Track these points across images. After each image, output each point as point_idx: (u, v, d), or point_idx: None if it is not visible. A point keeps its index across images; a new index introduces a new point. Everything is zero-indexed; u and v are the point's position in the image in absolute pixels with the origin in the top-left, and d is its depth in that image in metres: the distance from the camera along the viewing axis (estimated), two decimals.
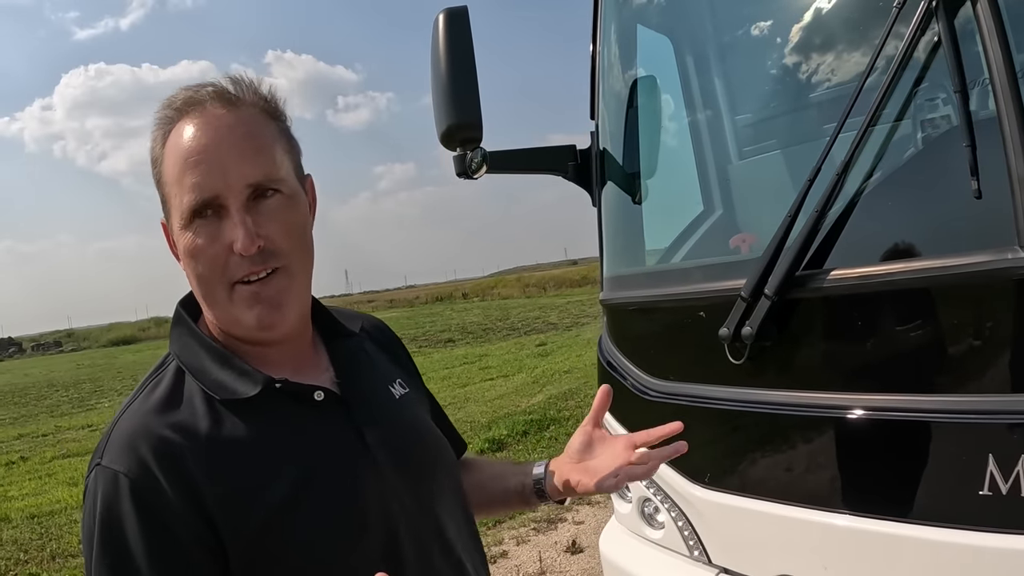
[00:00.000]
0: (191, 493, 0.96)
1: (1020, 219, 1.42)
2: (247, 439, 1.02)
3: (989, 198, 1.50)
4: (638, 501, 2.23)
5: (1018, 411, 1.45)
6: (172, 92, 1.07)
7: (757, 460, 1.88)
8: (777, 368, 1.79)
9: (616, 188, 2.45)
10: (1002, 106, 1.48)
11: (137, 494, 0.95)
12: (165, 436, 0.98)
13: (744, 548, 1.93)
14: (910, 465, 1.62)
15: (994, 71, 1.50)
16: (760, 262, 1.69)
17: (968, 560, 1.51)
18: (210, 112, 1.03)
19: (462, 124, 2.23)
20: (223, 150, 1.01)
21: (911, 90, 1.68)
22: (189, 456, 0.97)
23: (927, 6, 1.60)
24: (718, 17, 2.57)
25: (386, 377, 1.24)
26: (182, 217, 1.02)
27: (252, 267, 1.02)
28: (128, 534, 0.94)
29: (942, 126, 1.66)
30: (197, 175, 1.00)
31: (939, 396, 1.55)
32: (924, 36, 1.64)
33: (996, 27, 1.52)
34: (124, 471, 0.95)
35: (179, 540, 0.96)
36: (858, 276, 1.63)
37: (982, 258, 1.47)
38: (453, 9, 2.25)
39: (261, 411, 1.03)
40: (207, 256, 1.02)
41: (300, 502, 1.01)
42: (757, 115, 2.48)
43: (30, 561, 5.84)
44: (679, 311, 2.05)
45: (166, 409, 1.01)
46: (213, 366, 1.05)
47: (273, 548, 0.99)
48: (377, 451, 1.10)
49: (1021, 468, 1.42)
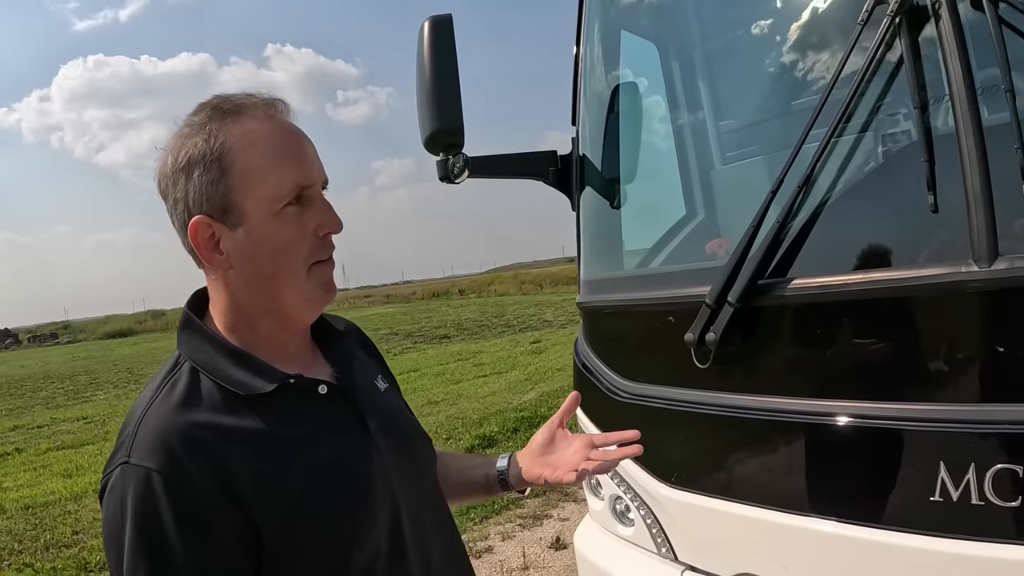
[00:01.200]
0: (222, 486, 1.01)
1: (975, 234, 1.48)
2: (267, 431, 1.07)
3: (947, 212, 1.56)
4: (610, 499, 2.29)
5: (968, 421, 1.51)
6: (206, 98, 1.12)
7: (721, 462, 1.94)
8: (741, 373, 1.85)
9: (594, 193, 2.51)
10: (961, 123, 1.53)
11: (171, 490, 0.99)
12: (192, 432, 1.03)
13: (709, 547, 2.00)
14: (866, 470, 1.68)
15: (954, 88, 1.56)
16: (724, 271, 1.75)
17: (920, 564, 1.57)
18: (280, 114, 1.12)
19: (445, 130, 2.28)
20: (308, 147, 1.13)
21: (874, 104, 1.74)
22: (216, 450, 1.02)
23: (890, 23, 1.65)
24: (701, 24, 2.63)
25: (371, 373, 1.33)
26: (278, 202, 1.08)
27: (331, 248, 1.15)
28: (166, 529, 0.98)
29: (902, 141, 1.72)
30: (296, 165, 1.10)
31: (894, 404, 1.61)
32: (887, 52, 1.70)
33: (957, 45, 1.57)
34: (156, 468, 0.99)
35: (215, 532, 1.00)
36: (818, 286, 1.69)
37: (938, 271, 1.53)
38: (438, 17, 2.30)
39: (276, 405, 1.09)
40: (300, 238, 1.10)
41: (320, 487, 1.08)
42: (737, 123, 2.54)
43: (24, 551, 5.88)
44: (649, 315, 2.11)
45: (189, 407, 1.06)
46: (229, 365, 1.10)
47: (299, 531, 1.06)
48: (378, 437, 1.19)
49: (971, 476, 1.48)
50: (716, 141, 2.57)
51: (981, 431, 1.50)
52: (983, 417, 1.50)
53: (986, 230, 1.47)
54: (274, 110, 1.12)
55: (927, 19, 1.64)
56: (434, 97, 2.26)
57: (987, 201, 1.47)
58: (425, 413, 9.35)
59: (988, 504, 1.47)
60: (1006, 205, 1.47)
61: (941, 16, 1.59)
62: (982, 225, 1.47)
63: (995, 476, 1.46)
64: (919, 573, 1.59)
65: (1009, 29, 1.55)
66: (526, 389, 10.66)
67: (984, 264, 1.46)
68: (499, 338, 19.21)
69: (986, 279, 1.46)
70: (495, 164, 2.53)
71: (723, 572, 1.94)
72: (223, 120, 1.08)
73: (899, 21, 1.65)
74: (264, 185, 1.08)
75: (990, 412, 1.49)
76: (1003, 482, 1.45)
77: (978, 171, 1.49)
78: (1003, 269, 1.44)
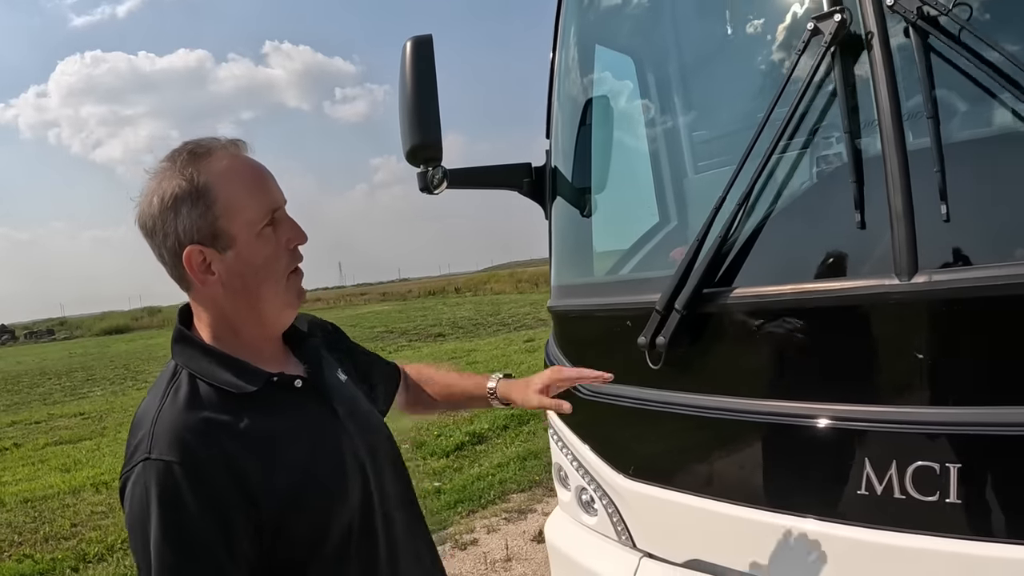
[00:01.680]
0: (232, 472, 1.17)
1: (897, 249, 1.62)
2: (259, 424, 1.24)
3: (873, 229, 1.70)
4: (576, 490, 2.44)
5: (890, 421, 1.65)
6: (179, 144, 1.30)
7: (673, 456, 2.10)
8: (689, 373, 2.00)
9: (565, 203, 2.65)
10: (886, 147, 1.67)
11: (191, 478, 1.14)
12: (201, 429, 1.19)
13: (662, 535, 2.15)
14: (800, 465, 1.82)
15: (882, 115, 1.69)
16: (672, 280, 1.90)
17: (846, 551, 1.71)
18: (242, 151, 1.31)
19: (425, 144, 2.42)
20: (270, 176, 1.32)
21: (811, 127, 1.87)
22: (223, 442, 1.19)
23: (825, 52, 1.78)
24: (673, 39, 2.76)
25: (334, 367, 1.50)
26: (258, 224, 1.27)
27: (300, 258, 1.36)
28: (189, 512, 1.13)
29: (835, 162, 1.85)
30: (266, 191, 1.30)
31: (824, 404, 1.75)
32: (824, 79, 1.83)
33: (886, 75, 1.70)
34: (176, 460, 1.14)
35: (230, 512, 1.16)
36: (757, 295, 1.84)
37: (863, 283, 1.67)
38: (419, 38, 2.44)
39: (263, 400, 1.27)
40: (280, 252, 1.31)
41: (306, 478, 1.25)
42: (702, 136, 2.67)
43: (24, 543, 6.00)
44: (610, 320, 2.25)
45: (193, 408, 1.21)
46: (220, 369, 1.27)
47: (290, 507, 1.22)
48: (347, 422, 1.37)
49: (893, 472, 1.62)
50: (681, 153, 2.70)
51: (902, 431, 1.63)
52: (903, 418, 1.63)
53: (907, 246, 1.60)
54: (237, 148, 1.29)
55: (860, 50, 1.76)
56: (415, 113, 2.40)
57: (908, 220, 1.61)
58: None
59: (909, 498, 1.61)
60: (926, 224, 1.60)
61: (872, 47, 1.72)
62: (903, 242, 1.61)
63: (915, 472, 1.59)
64: (846, 560, 1.72)
65: (935, 59, 1.67)
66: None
67: (905, 277, 1.59)
68: (494, 336, 19.33)
69: (906, 291, 1.59)
70: (472, 176, 2.67)
71: (676, 559, 2.09)
72: (199, 162, 1.24)
73: (834, 51, 1.79)
74: (246, 211, 1.26)
75: (910, 414, 1.62)
76: (922, 478, 1.58)
77: (901, 192, 1.63)
78: (922, 282, 1.58)
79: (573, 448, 2.41)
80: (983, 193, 1.65)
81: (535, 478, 6.12)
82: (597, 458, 2.27)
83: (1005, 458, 1.54)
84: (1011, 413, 1.51)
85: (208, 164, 1.25)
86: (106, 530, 6.15)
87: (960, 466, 1.56)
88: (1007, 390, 1.54)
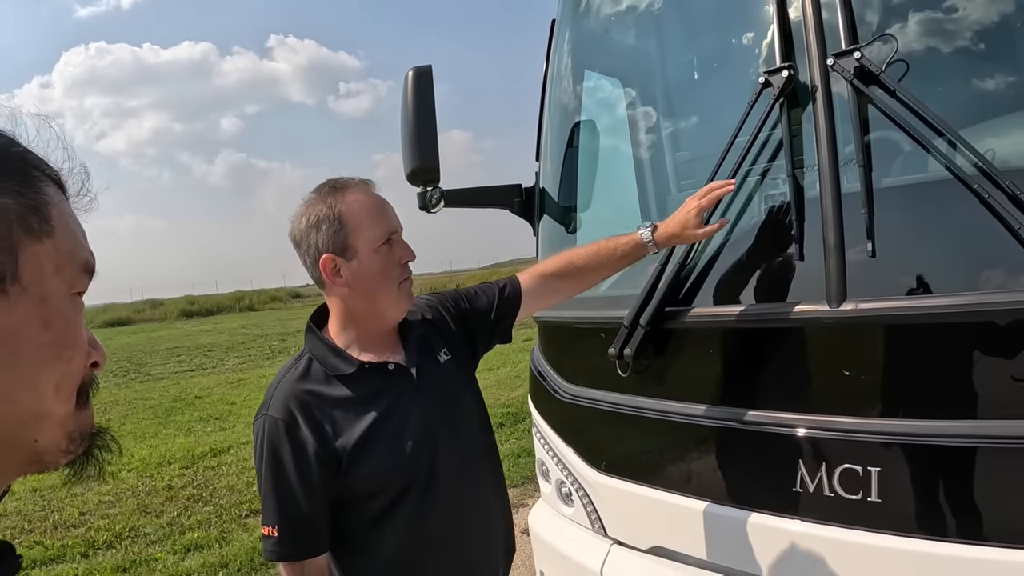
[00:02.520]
0: (317, 428, 1.65)
1: (829, 279, 1.83)
2: (348, 396, 1.70)
3: (810, 261, 1.91)
4: (556, 483, 2.70)
5: (820, 428, 1.85)
6: (324, 180, 1.77)
7: (638, 453, 2.34)
8: (653, 381, 2.25)
9: (551, 222, 2.90)
10: (823, 189, 1.88)
11: (288, 431, 1.64)
12: (303, 398, 1.67)
13: (630, 524, 2.39)
14: (745, 464, 2.05)
15: (821, 160, 1.90)
16: (638, 299, 2.15)
17: (784, 541, 1.93)
18: (371, 188, 1.76)
19: (424, 167, 2.65)
20: (390, 208, 1.76)
21: (762, 169, 2.10)
22: (315, 408, 1.67)
23: (774, 103, 2.01)
24: (660, 65, 2.96)
25: (435, 349, 1.88)
26: (376, 242, 1.70)
27: (409, 271, 1.78)
28: (284, 455, 1.63)
29: (780, 200, 2.08)
30: (384, 219, 1.73)
31: (766, 412, 1.97)
32: (774, 126, 2.05)
33: (826, 125, 1.91)
34: (281, 418, 1.65)
35: (311, 455, 1.64)
36: (711, 314, 2.09)
37: (799, 308, 1.89)
38: (420, 68, 2.66)
39: (356, 380, 1.71)
40: (392, 264, 1.73)
41: (377, 432, 1.68)
42: (682, 159, 2.89)
43: (34, 530, 6.17)
44: (586, 332, 2.51)
45: (303, 381, 1.71)
46: (330, 356, 1.73)
47: (362, 461, 1.66)
48: (427, 399, 1.76)
49: (823, 473, 1.83)
50: (659, 176, 2.92)
51: (830, 437, 1.83)
52: (832, 426, 1.83)
53: (837, 277, 1.81)
54: (367, 186, 1.75)
55: (804, 102, 1.99)
56: (415, 138, 2.62)
57: (840, 254, 1.82)
58: None
59: (836, 496, 1.81)
60: (855, 257, 1.81)
61: (816, 100, 1.94)
62: (834, 273, 1.82)
63: (841, 474, 1.80)
64: (782, 548, 1.94)
65: (871, 113, 1.88)
66: (515, 386, 10.99)
67: (835, 304, 1.80)
68: None
69: (835, 317, 1.81)
70: (467, 196, 2.90)
71: (641, 546, 2.34)
72: (336, 194, 1.71)
73: (782, 102, 2.02)
74: (367, 232, 1.70)
75: (837, 423, 1.82)
76: (847, 479, 1.78)
77: (834, 229, 1.84)
78: (849, 309, 1.79)
79: (554, 445, 2.66)
80: (906, 233, 1.84)
81: (528, 474, 6.32)
82: (574, 454, 2.52)
83: (919, 463, 1.72)
84: (924, 425, 1.70)
85: (343, 195, 1.70)
86: (114, 518, 6.35)
87: (880, 469, 1.74)
88: (922, 404, 1.74)
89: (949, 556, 1.65)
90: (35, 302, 0.73)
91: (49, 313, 0.74)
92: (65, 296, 0.76)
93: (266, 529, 1.67)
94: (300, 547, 1.67)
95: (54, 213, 0.75)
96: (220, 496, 6.89)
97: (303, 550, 1.68)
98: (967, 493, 1.69)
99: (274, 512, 1.66)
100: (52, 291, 0.75)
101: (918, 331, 1.75)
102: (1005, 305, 1.61)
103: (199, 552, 5.49)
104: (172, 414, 11.84)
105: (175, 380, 16.10)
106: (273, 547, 1.66)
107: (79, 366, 0.78)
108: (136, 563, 5.34)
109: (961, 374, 1.72)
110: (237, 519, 6.20)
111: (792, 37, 2.05)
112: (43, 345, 0.73)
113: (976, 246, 1.76)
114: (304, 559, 1.68)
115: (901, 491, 1.75)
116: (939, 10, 1.96)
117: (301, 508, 1.65)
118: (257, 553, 5.23)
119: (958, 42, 1.96)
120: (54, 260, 0.75)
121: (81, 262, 0.79)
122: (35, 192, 0.74)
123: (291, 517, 1.65)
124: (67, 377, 0.77)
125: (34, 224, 0.73)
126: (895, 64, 1.87)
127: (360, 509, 1.71)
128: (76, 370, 0.78)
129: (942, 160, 1.77)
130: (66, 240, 0.77)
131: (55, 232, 0.75)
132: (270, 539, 1.66)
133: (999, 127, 1.91)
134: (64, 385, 0.76)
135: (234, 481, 7.34)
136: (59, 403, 0.76)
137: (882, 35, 1.92)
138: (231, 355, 20.43)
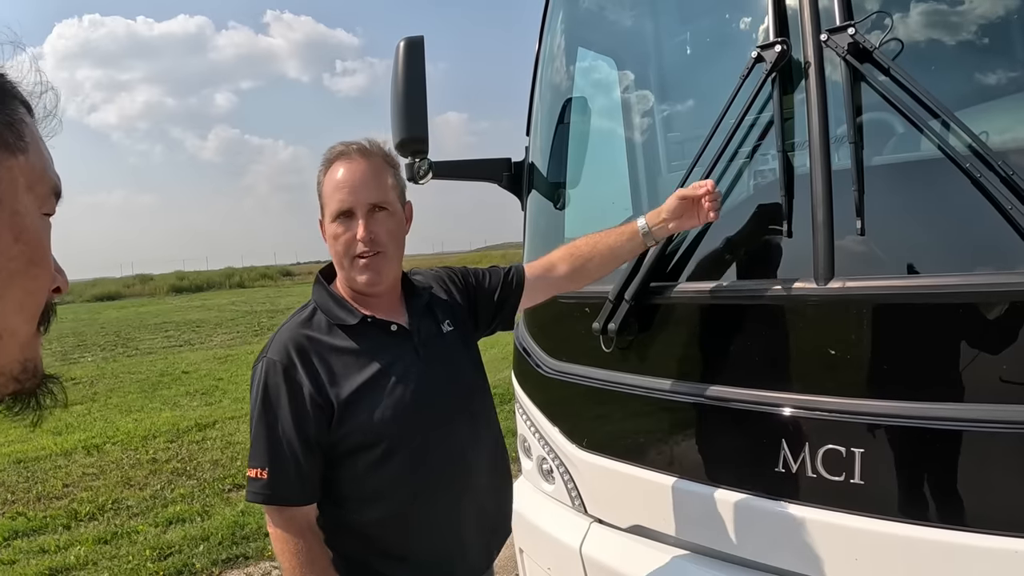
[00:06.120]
0: (315, 373, 1.69)
1: (817, 257, 1.81)
2: (349, 347, 1.74)
3: (798, 238, 1.89)
4: (537, 460, 2.68)
5: (804, 407, 1.83)
6: (333, 144, 1.85)
7: (620, 430, 2.32)
8: (637, 357, 2.22)
9: (540, 197, 2.86)
10: (814, 166, 1.85)
11: (285, 373, 1.68)
12: (303, 342, 1.72)
13: (610, 503, 2.38)
14: (727, 443, 2.03)
15: (812, 137, 1.86)
16: (623, 273, 2.12)
17: (764, 521, 1.91)
18: (354, 159, 1.78)
19: (413, 138, 2.61)
20: (359, 183, 1.75)
21: (752, 145, 2.07)
22: (313, 354, 1.71)
23: (766, 78, 1.97)
24: (654, 43, 2.93)
25: (439, 318, 1.92)
26: (331, 216, 1.76)
27: (363, 248, 1.74)
28: (279, 396, 1.67)
29: (770, 177, 2.05)
30: (340, 195, 1.75)
31: (749, 390, 1.94)
32: (765, 102, 2.01)
33: (818, 102, 1.87)
34: (279, 360, 1.70)
35: (306, 399, 1.67)
36: (697, 290, 2.06)
37: (787, 285, 1.86)
38: (411, 38, 2.61)
39: (357, 333, 1.76)
40: (343, 239, 1.75)
41: (374, 385, 1.71)
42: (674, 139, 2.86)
43: (17, 501, 6.20)
44: (571, 307, 2.47)
45: (305, 328, 1.76)
46: (334, 306, 1.79)
47: (357, 411, 1.69)
48: (424, 358, 1.80)
49: (806, 453, 1.81)
50: (650, 154, 2.89)
51: (814, 417, 1.81)
52: (816, 406, 1.80)
53: (825, 254, 1.79)
54: (355, 156, 1.79)
55: (796, 78, 1.95)
56: (404, 108, 2.57)
57: (828, 232, 1.80)
58: None
59: (819, 477, 1.79)
60: (844, 235, 1.79)
61: (808, 76, 1.91)
62: (822, 250, 1.80)
63: (825, 454, 1.78)
64: (763, 528, 1.93)
65: (863, 90, 1.84)
66: (503, 368, 10.94)
67: (822, 282, 1.79)
68: None
69: (823, 294, 1.79)
70: (455, 168, 2.86)
71: (621, 524, 2.33)
72: (325, 164, 1.82)
73: (774, 78, 1.98)
74: (328, 206, 1.79)
75: (821, 403, 1.80)
76: (831, 460, 1.76)
77: (823, 207, 1.81)
78: (836, 287, 1.77)
79: (536, 421, 2.64)
80: (895, 212, 1.82)
81: (512, 455, 6.34)
82: (556, 430, 2.50)
83: (903, 446, 1.70)
84: (910, 407, 1.68)
85: (329, 166, 1.80)
86: (97, 491, 6.36)
87: (863, 450, 1.72)
88: (908, 385, 1.70)
89: (930, 541, 1.64)
90: (8, 215, 0.74)
91: (21, 226, 0.75)
92: (36, 214, 0.78)
93: (253, 471, 1.67)
94: (287, 491, 1.67)
95: (27, 132, 0.77)
96: (204, 470, 6.88)
97: (290, 494, 1.68)
98: (951, 478, 1.67)
99: (263, 452, 1.66)
100: (24, 206, 0.76)
101: (906, 311, 1.73)
102: (994, 287, 1.59)
103: (181, 525, 5.48)
104: (159, 388, 11.85)
105: (163, 355, 16.08)
106: (260, 489, 1.65)
107: (45, 285, 0.80)
108: (118, 535, 5.35)
109: (948, 356, 1.70)
110: (220, 493, 6.19)
111: (786, 12, 2.01)
112: (12, 259, 0.74)
113: (966, 226, 1.74)
114: (291, 504, 1.68)
115: (884, 473, 1.73)
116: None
117: (292, 450, 1.66)
118: (239, 527, 5.22)
119: (953, 21, 1.93)
120: (27, 176, 0.76)
121: (50, 183, 0.80)
122: (10, 110, 0.76)
123: (281, 459, 1.65)
124: (32, 296, 0.78)
125: (9, 139, 0.74)
126: (889, 42, 1.84)
127: (351, 463, 1.72)
128: (42, 289, 0.80)
129: (934, 139, 1.74)
130: (38, 160, 0.79)
131: (28, 149, 0.77)
132: (257, 481, 1.66)
133: (992, 108, 1.87)
134: (27, 304, 0.78)
135: (218, 455, 7.33)
136: (23, 321, 0.78)
137: (877, 12, 1.89)
138: (219, 331, 20.41)
